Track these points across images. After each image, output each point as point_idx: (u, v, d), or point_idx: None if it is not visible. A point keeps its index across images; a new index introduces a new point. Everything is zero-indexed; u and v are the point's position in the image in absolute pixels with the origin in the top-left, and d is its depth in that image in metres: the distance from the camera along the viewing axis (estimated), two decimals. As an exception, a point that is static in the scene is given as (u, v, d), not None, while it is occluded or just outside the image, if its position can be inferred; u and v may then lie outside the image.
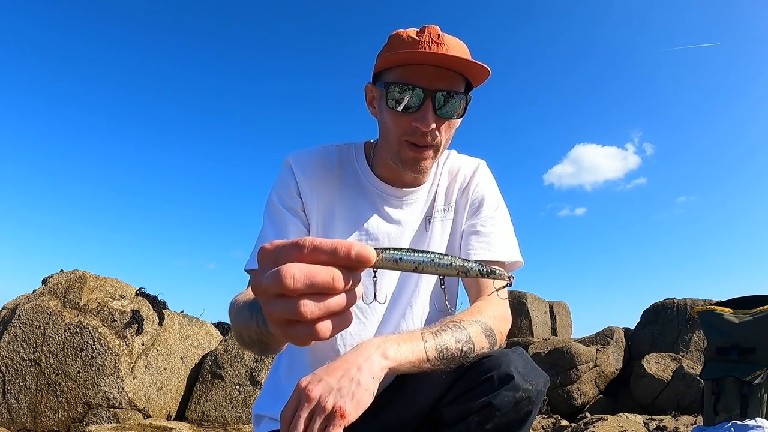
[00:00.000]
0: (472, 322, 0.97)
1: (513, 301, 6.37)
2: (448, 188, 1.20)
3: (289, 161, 1.15)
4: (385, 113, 1.05)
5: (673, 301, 5.97)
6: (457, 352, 0.92)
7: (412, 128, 1.01)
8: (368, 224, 1.13)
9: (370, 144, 1.21)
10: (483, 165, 1.25)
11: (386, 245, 1.06)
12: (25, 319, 3.40)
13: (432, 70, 0.99)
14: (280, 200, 1.12)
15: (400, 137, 1.03)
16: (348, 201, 1.14)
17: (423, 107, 0.99)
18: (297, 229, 1.10)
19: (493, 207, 1.19)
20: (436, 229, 1.16)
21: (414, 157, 1.04)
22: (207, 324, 4.26)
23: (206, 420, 3.69)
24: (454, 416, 0.96)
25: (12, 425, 3.25)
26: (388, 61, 1.02)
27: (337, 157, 1.18)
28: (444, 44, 0.99)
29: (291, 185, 1.13)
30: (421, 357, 0.87)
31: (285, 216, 1.11)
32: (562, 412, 4.93)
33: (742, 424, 2.00)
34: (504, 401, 0.90)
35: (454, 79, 1.01)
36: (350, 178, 1.16)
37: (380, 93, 1.06)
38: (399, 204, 1.15)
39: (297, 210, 1.12)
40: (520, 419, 0.92)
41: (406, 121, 1.01)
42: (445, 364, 0.91)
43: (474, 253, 1.12)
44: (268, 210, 1.14)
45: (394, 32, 1.07)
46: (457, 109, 1.02)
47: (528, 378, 0.92)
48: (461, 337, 0.93)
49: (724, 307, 2.29)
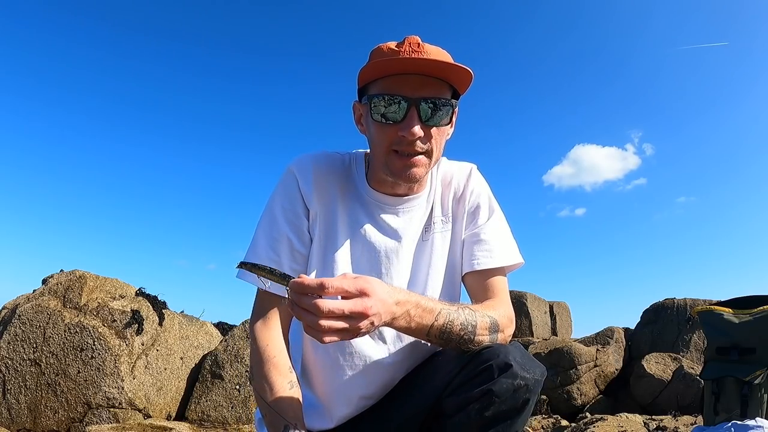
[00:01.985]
0: (485, 315, 1.01)
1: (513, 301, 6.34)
2: (443, 197, 1.20)
3: (293, 170, 1.13)
4: (371, 127, 1.05)
5: (673, 301, 5.97)
6: (456, 336, 0.96)
7: (398, 138, 1.00)
8: (366, 234, 1.12)
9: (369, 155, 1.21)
10: (475, 170, 1.24)
11: (383, 257, 1.12)
12: (25, 319, 3.40)
13: (415, 79, 0.99)
14: (283, 212, 1.11)
15: (387, 148, 1.03)
16: (348, 210, 1.14)
17: (408, 116, 0.99)
18: (290, 249, 1.10)
19: (490, 212, 1.20)
20: (437, 240, 1.16)
21: (403, 166, 1.03)
22: (207, 324, 4.27)
23: (206, 420, 3.69)
24: (454, 406, 0.98)
25: (12, 425, 3.25)
26: (368, 73, 1.03)
27: (340, 165, 1.17)
28: (424, 52, 0.99)
29: (295, 197, 1.11)
30: (423, 331, 0.94)
31: (281, 233, 1.10)
32: (562, 412, 4.93)
33: (742, 424, 2.00)
34: (503, 388, 0.92)
35: (438, 87, 1.01)
36: (351, 187, 1.16)
37: (366, 108, 1.06)
38: (395, 212, 1.14)
39: (298, 225, 1.11)
40: (519, 407, 0.94)
41: (392, 131, 1.01)
42: (442, 341, 0.97)
43: (477, 262, 1.14)
44: (266, 218, 1.13)
45: (375, 47, 1.07)
46: (444, 117, 1.02)
47: (526, 367, 0.94)
48: (467, 324, 0.97)
49: (724, 307, 2.29)
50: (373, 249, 1.12)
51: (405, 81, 0.99)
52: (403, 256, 1.13)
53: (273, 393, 1.01)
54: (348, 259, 1.11)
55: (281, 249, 1.09)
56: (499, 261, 1.14)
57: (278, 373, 1.03)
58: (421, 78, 0.99)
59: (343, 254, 1.11)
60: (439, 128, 1.03)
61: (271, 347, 1.05)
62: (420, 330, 0.93)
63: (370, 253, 1.12)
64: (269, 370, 1.02)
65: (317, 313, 0.76)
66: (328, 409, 1.11)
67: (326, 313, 0.76)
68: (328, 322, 0.76)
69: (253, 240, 1.12)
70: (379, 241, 1.12)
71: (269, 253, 1.09)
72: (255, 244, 1.11)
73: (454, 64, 0.98)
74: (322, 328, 0.76)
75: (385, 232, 1.13)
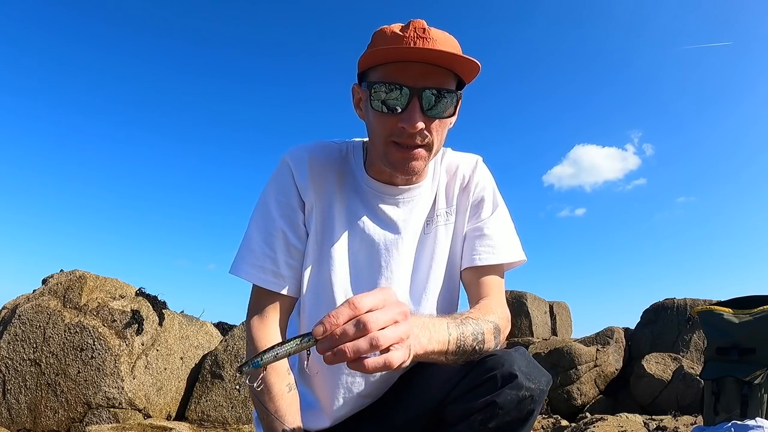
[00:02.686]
0: (487, 321, 0.96)
1: (513, 301, 6.37)
2: (448, 188, 1.16)
3: (288, 161, 1.08)
4: (370, 115, 0.99)
5: (673, 301, 5.97)
6: (470, 348, 0.89)
7: (398, 129, 0.95)
8: (365, 227, 1.09)
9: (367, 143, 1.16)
10: (481, 162, 1.20)
11: (382, 249, 1.08)
12: (25, 319, 3.40)
13: (419, 67, 0.93)
14: (277, 206, 1.07)
15: (387, 138, 0.98)
16: (345, 201, 1.10)
17: (409, 107, 0.93)
18: (286, 244, 1.06)
19: (494, 206, 1.17)
20: (440, 233, 1.13)
21: (402, 158, 0.98)
22: (207, 324, 4.26)
23: (206, 420, 3.69)
24: (457, 415, 0.96)
25: (12, 425, 3.25)
26: (371, 59, 0.96)
27: (337, 154, 1.13)
28: (430, 39, 0.93)
29: (290, 189, 1.07)
30: (443, 349, 0.83)
31: (276, 227, 1.06)
32: (562, 412, 4.93)
33: (742, 424, 2.00)
34: (507, 400, 0.89)
35: (442, 76, 0.95)
36: (348, 177, 1.11)
37: (365, 94, 1.00)
38: (395, 202, 1.10)
39: (293, 218, 1.07)
40: (523, 418, 0.92)
41: (392, 121, 0.95)
42: (458, 358, 0.89)
43: (479, 258, 1.10)
44: (259, 212, 1.09)
45: (378, 29, 1.01)
46: (447, 108, 0.96)
47: (531, 377, 0.92)
48: (477, 334, 0.92)
49: (724, 307, 2.29)
50: (371, 242, 1.08)
51: (408, 69, 0.93)
52: (403, 249, 1.09)
53: (271, 396, 0.99)
54: (345, 252, 1.08)
55: (276, 244, 1.06)
56: (501, 257, 1.11)
57: (276, 376, 1.00)
58: (425, 66, 0.93)
59: (340, 247, 1.08)
60: (441, 120, 0.98)
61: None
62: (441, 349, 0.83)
63: (369, 245, 1.08)
64: (268, 373, 0.99)
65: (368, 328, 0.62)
66: (326, 408, 1.10)
67: (375, 326, 0.63)
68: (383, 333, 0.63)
69: (246, 235, 1.08)
70: (378, 234, 1.08)
71: (264, 249, 1.05)
72: (249, 240, 1.07)
73: (463, 56, 0.92)
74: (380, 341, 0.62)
75: (385, 224, 1.09)
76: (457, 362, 0.90)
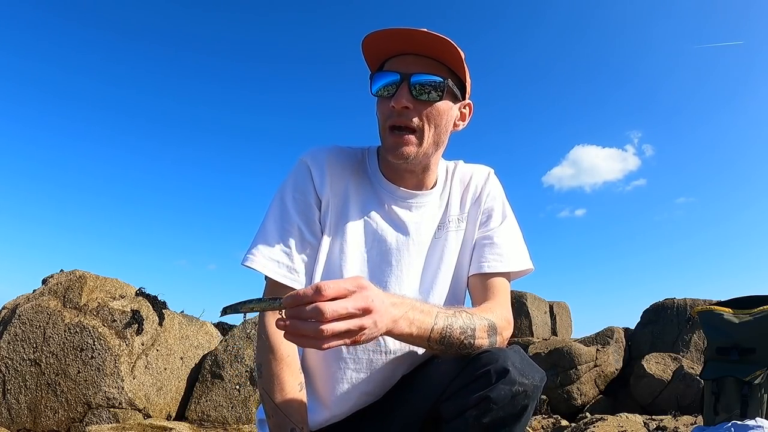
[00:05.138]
0: (482, 318, 0.99)
1: (513, 301, 6.35)
2: (462, 197, 1.20)
3: (306, 160, 1.13)
4: (376, 105, 1.10)
5: (673, 301, 5.97)
6: (456, 341, 0.94)
7: (389, 110, 1.04)
8: (378, 226, 1.12)
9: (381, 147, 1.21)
10: (492, 174, 1.26)
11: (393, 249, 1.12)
12: (25, 319, 3.40)
13: (411, 59, 1.04)
14: (294, 202, 1.10)
15: (385, 123, 1.06)
16: (360, 200, 1.13)
17: (399, 89, 1.03)
18: (301, 239, 1.09)
19: (504, 217, 1.20)
20: (450, 239, 1.16)
21: (395, 142, 1.05)
22: (207, 324, 4.27)
23: (206, 420, 3.69)
24: (451, 412, 0.96)
25: (12, 425, 3.25)
26: (367, 54, 1.08)
27: (353, 157, 1.18)
28: (419, 32, 1.01)
29: (307, 187, 1.11)
30: (424, 336, 0.89)
31: (292, 223, 1.09)
32: (562, 412, 4.94)
33: (742, 424, 2.00)
34: (501, 395, 0.90)
35: (432, 66, 1.04)
36: (363, 179, 1.16)
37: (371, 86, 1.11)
38: (407, 206, 1.14)
39: (309, 215, 1.10)
40: (517, 413, 0.92)
41: (386, 104, 1.05)
42: (445, 349, 0.94)
43: (487, 265, 1.13)
44: (277, 207, 1.11)
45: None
46: (433, 92, 1.04)
47: (524, 372, 0.93)
48: (467, 328, 0.95)
49: (724, 307, 2.29)
50: (383, 241, 1.12)
51: (402, 60, 1.05)
52: (414, 251, 1.13)
53: (283, 393, 1.00)
54: (358, 249, 1.11)
55: (292, 239, 1.09)
56: (508, 265, 1.14)
57: (290, 373, 1.02)
58: (416, 57, 1.04)
59: (353, 245, 1.11)
60: (431, 105, 1.04)
61: (285, 345, 1.03)
62: (421, 335, 0.89)
63: (381, 244, 1.12)
64: (282, 370, 1.01)
65: (321, 317, 0.69)
66: (328, 405, 1.10)
67: (330, 315, 0.69)
68: (331, 326, 0.70)
69: (262, 229, 1.11)
70: (391, 234, 1.12)
71: (280, 243, 1.08)
72: (264, 234, 1.09)
73: (439, 36, 1.00)
74: (324, 333, 0.69)
75: (397, 225, 1.13)
76: (446, 353, 0.96)
